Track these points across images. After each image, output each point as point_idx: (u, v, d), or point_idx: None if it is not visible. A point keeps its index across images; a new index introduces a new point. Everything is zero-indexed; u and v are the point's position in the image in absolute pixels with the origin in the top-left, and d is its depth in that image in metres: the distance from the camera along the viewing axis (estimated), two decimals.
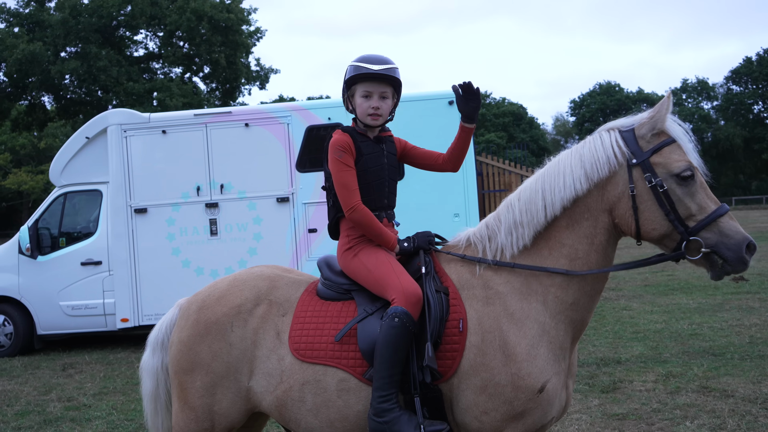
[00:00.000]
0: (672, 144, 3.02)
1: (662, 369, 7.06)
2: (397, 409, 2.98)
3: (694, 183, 2.96)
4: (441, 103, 10.09)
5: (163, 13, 39.76)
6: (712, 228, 2.90)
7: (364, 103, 3.37)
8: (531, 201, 3.15)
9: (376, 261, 3.25)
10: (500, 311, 3.06)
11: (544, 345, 3.02)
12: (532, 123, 78.86)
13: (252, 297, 3.37)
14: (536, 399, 2.96)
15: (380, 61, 3.35)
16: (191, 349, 3.34)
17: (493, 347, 3.01)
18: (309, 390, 3.17)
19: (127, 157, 10.30)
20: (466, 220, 9.87)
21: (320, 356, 3.18)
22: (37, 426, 6.56)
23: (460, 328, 3.06)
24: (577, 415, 5.81)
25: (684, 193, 2.96)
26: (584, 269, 3.08)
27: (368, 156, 3.39)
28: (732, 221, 2.91)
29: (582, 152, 3.15)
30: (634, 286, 13.41)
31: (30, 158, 61.35)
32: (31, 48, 35.95)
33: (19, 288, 10.50)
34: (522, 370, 2.96)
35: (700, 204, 2.94)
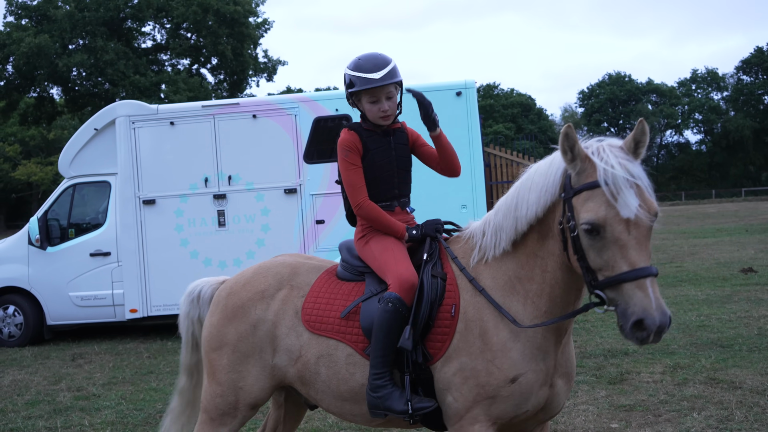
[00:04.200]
0: (594, 190, 2.75)
1: (670, 360, 7.05)
2: (390, 385, 3.18)
3: (601, 239, 2.71)
4: (449, 93, 10.07)
5: (170, 5, 39.74)
6: (615, 289, 2.70)
7: (373, 108, 3.48)
8: (510, 208, 3.14)
9: (382, 248, 3.42)
10: (484, 303, 3.14)
11: (521, 341, 3.06)
12: (541, 114, 78.58)
13: (275, 283, 3.64)
14: (508, 388, 3.03)
15: (378, 65, 3.43)
16: (219, 331, 3.63)
17: (473, 334, 3.11)
18: (323, 363, 3.40)
19: (136, 148, 10.33)
20: (474, 212, 9.86)
21: (327, 329, 3.41)
22: (47, 415, 6.61)
23: (452, 313, 3.17)
24: (584, 406, 5.82)
25: (589, 245, 2.75)
26: (553, 284, 3.04)
27: (375, 150, 3.53)
28: (638, 290, 2.63)
29: (538, 171, 3.08)
30: None
31: (39, 150, 61.66)
32: (39, 41, 36.03)
33: (29, 279, 10.57)
34: (496, 359, 3.05)
35: (608, 261, 2.71)
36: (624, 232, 2.68)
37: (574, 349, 7.73)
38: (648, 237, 2.73)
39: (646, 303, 2.59)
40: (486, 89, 78.42)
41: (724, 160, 74.24)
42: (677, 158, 79.21)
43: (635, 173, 2.72)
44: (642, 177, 2.74)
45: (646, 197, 2.72)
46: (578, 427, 5.35)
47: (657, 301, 2.60)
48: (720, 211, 39.62)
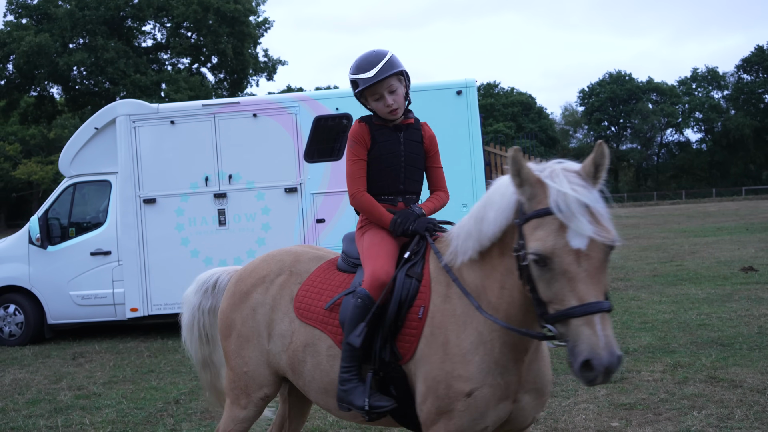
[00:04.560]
0: (544, 217, 2.56)
1: (670, 359, 7.05)
2: (356, 380, 3.17)
3: (550, 270, 2.52)
4: (449, 92, 10.06)
5: (170, 5, 39.74)
6: (564, 324, 2.51)
7: (378, 105, 3.47)
8: (477, 219, 3.00)
9: (371, 242, 3.41)
10: (450, 311, 3.05)
11: (480, 354, 2.94)
12: (541, 113, 78.56)
13: (276, 269, 3.72)
14: (464, 402, 2.93)
15: (372, 62, 3.40)
16: (228, 317, 3.78)
17: (437, 342, 3.02)
18: (309, 352, 3.44)
19: (136, 147, 10.33)
20: None
21: (313, 318, 3.45)
22: (48, 414, 6.62)
23: (419, 315, 3.10)
24: (584, 405, 5.82)
25: (539, 276, 2.57)
26: (510, 302, 2.88)
27: (382, 143, 3.50)
28: (586, 328, 2.43)
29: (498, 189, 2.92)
30: (643, 276, 13.38)
31: (40, 149, 61.68)
32: (39, 40, 36.05)
33: (29, 278, 10.58)
34: (455, 371, 2.95)
35: (557, 294, 2.52)
36: (573, 263, 2.48)
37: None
38: (601, 269, 2.52)
39: (593, 342, 2.40)
40: (486, 88, 78.44)
41: (724, 158, 74.23)
42: (678, 157, 79.19)
43: (590, 200, 2.52)
44: (598, 204, 2.54)
45: (602, 225, 2.51)
46: (579, 426, 5.35)
47: (606, 339, 2.40)
48: (720, 209, 39.63)
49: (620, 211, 2.90)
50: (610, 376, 2.42)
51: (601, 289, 2.50)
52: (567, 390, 6.27)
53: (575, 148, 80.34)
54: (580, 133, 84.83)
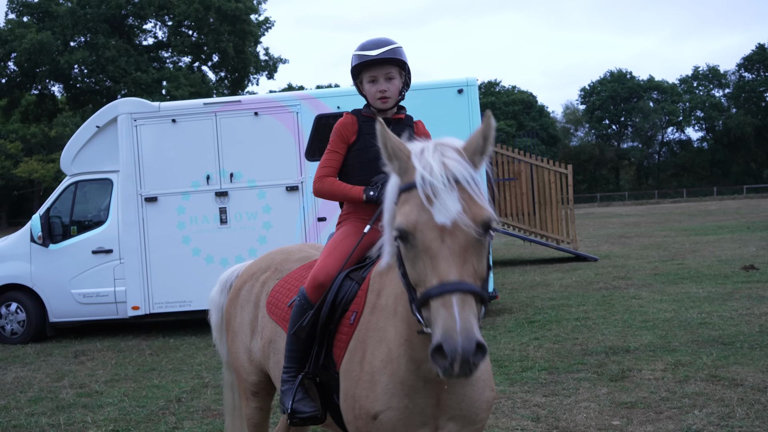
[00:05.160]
0: (411, 191, 2.32)
1: (671, 358, 7.06)
2: (292, 382, 3.11)
3: (413, 248, 2.26)
4: (450, 91, 10.07)
5: (172, 3, 39.74)
6: (426, 308, 2.20)
7: (371, 89, 3.36)
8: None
9: (334, 239, 3.31)
10: (374, 324, 2.80)
11: (387, 374, 2.65)
12: (542, 111, 78.50)
13: (264, 266, 3.75)
14: (371, 425, 2.69)
15: (379, 44, 3.33)
16: (227, 312, 3.89)
17: (357, 357, 2.81)
18: (272, 348, 3.45)
19: (138, 146, 10.34)
20: None
21: (278, 315, 3.44)
22: (50, 412, 6.63)
23: (351, 321, 2.92)
24: (585, 404, 5.83)
25: (405, 255, 2.33)
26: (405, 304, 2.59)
27: (367, 135, 3.36)
28: (442, 309, 2.11)
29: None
30: (644, 274, 13.38)
31: (41, 147, 61.71)
32: (40, 38, 36.06)
33: (31, 276, 10.59)
34: (363, 390, 2.71)
35: (420, 275, 2.24)
36: (436, 240, 2.21)
37: (577, 345, 7.70)
38: (469, 249, 2.22)
39: (448, 325, 2.07)
40: (487, 86, 78.39)
41: (725, 157, 74.20)
42: (679, 155, 79.17)
43: (462, 175, 2.27)
44: (471, 180, 2.29)
45: (474, 203, 2.25)
46: (580, 425, 5.36)
47: (463, 324, 2.06)
48: (721, 208, 39.61)
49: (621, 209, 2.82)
50: (469, 367, 2.06)
51: (468, 270, 2.19)
52: (568, 389, 6.28)
53: (576, 147, 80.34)
54: (581, 131, 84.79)
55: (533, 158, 17.43)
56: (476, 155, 2.39)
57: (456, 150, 2.36)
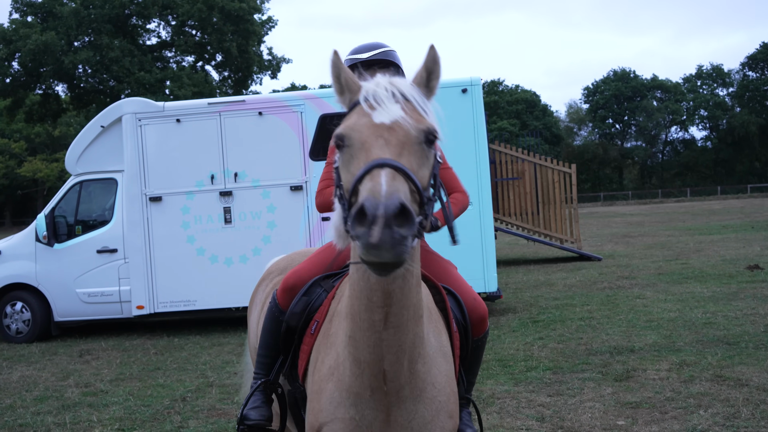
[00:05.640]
0: (356, 107, 2.20)
1: (676, 358, 7.05)
2: (257, 388, 2.98)
3: (349, 149, 2.08)
4: (454, 91, 10.06)
5: (175, 3, 39.79)
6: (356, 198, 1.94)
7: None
8: None
9: (322, 246, 3.15)
10: (326, 331, 2.64)
11: (333, 381, 2.43)
12: (546, 110, 78.41)
13: (282, 266, 3.66)
14: None
15: (371, 47, 3.24)
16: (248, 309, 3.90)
17: (313, 367, 2.61)
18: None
19: (142, 145, 10.36)
20: (480, 209, 9.86)
21: None
22: (55, 411, 6.65)
23: (312, 330, 2.74)
24: (590, 403, 5.83)
25: (341, 164, 2.14)
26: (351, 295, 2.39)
27: None
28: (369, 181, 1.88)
29: None
30: (648, 274, 13.37)
31: (45, 146, 61.84)
32: (45, 38, 36.12)
33: (36, 275, 10.62)
34: (312, 401, 2.52)
35: (353, 172, 2.01)
36: (372, 135, 2.04)
37: (581, 345, 7.71)
38: (408, 147, 2.03)
39: (374, 188, 1.82)
40: (490, 85, 78.35)
41: (729, 156, 74.03)
42: (682, 155, 79.03)
43: (409, 92, 2.18)
44: (417, 98, 2.19)
45: (418, 114, 2.13)
46: (584, 424, 5.36)
47: (390, 189, 1.81)
48: (725, 207, 39.54)
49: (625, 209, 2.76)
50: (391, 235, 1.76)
51: (406, 161, 1.98)
52: (572, 388, 6.28)
53: (580, 146, 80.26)
54: (584, 130, 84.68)
55: (537, 157, 17.41)
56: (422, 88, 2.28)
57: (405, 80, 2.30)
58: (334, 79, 2.31)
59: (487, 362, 7.37)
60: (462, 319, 2.89)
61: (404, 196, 1.83)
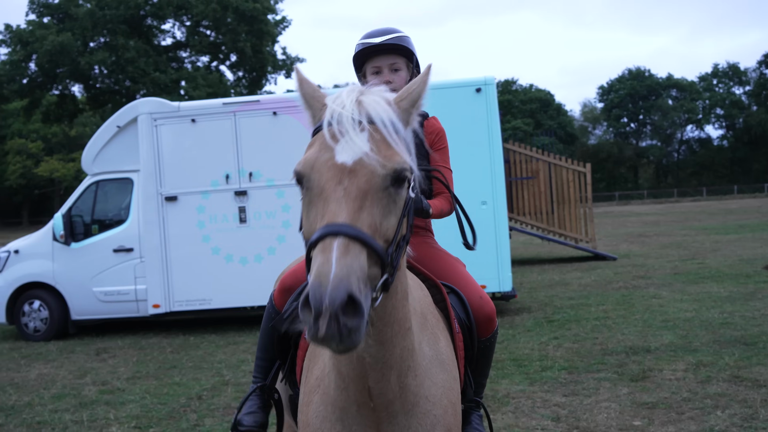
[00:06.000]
0: (317, 134, 2.01)
1: (692, 358, 7.01)
2: (252, 392, 2.90)
3: (309, 192, 1.92)
4: (468, 90, 10.04)
5: (190, 3, 40.00)
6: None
7: (375, 80, 2.99)
8: None
9: None
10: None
11: (319, 393, 2.31)
12: (560, 109, 78.10)
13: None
14: None
15: (383, 32, 3.03)
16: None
17: (305, 376, 2.48)
18: None
19: (158, 145, 10.42)
20: (494, 208, 9.84)
21: None
22: (73, 409, 6.71)
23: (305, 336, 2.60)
24: (606, 404, 5.80)
25: (303, 205, 1.99)
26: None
27: None
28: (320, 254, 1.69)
29: None
30: (664, 274, 13.28)
31: (61, 146, 62.33)
32: (61, 39, 36.42)
33: (53, 274, 10.71)
34: (300, 413, 2.40)
35: (312, 224, 1.86)
36: (332, 180, 1.84)
37: (597, 345, 7.67)
38: (371, 196, 1.82)
39: (321, 270, 1.65)
40: (504, 85, 78.12)
41: (746, 155, 73.39)
42: (698, 154, 78.47)
43: (378, 116, 1.92)
44: (388, 123, 1.92)
45: (387, 147, 1.88)
46: (600, 424, 5.34)
47: (340, 271, 1.64)
48: (742, 206, 39.19)
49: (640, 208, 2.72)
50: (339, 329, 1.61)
51: (364, 219, 1.78)
52: (588, 388, 6.26)
53: (595, 145, 79.84)
54: (599, 129, 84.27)
55: (551, 157, 17.35)
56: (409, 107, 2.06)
57: (381, 93, 2.03)
58: (298, 93, 2.14)
59: (501, 362, 7.36)
60: (466, 319, 2.75)
61: (355, 282, 1.64)
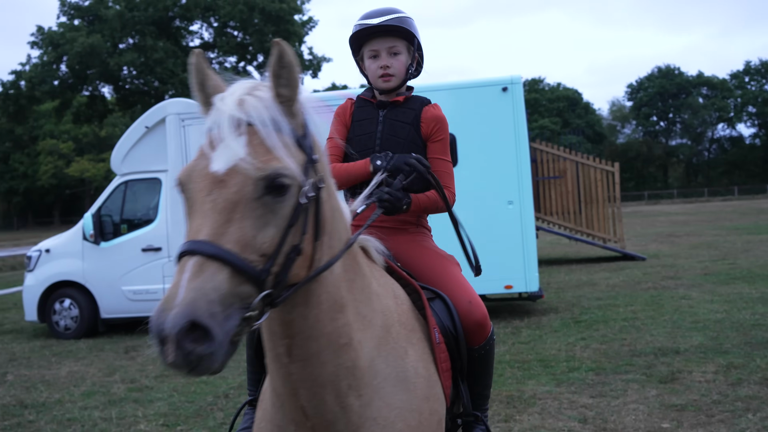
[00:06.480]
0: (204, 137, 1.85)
1: (723, 360, 6.89)
2: (242, 408, 2.76)
3: (187, 203, 1.80)
4: (495, 89, 9.97)
5: (217, 4, 40.34)
6: None
7: (372, 65, 2.85)
8: None
9: None
10: None
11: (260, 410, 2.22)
12: (588, 108, 77.38)
13: None
14: None
15: (382, 12, 2.82)
16: None
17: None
18: None
19: (185, 145, 10.51)
20: (521, 208, 9.77)
21: None
22: (102, 406, 6.80)
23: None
24: (634, 405, 5.73)
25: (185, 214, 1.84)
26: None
27: (357, 123, 2.88)
28: (176, 275, 1.60)
29: None
30: (694, 274, 13.09)
31: (92, 147, 63.28)
32: (91, 41, 36.94)
33: (83, 273, 10.86)
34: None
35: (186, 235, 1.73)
36: (203, 191, 1.71)
37: (625, 346, 7.58)
38: (241, 207, 1.68)
39: (169, 294, 1.56)
40: (531, 84, 77.62)
41: None
42: (730, 152, 77.22)
43: (258, 117, 1.77)
44: (268, 123, 1.77)
45: (264, 151, 1.74)
46: (628, 427, 5.28)
47: (188, 295, 1.54)
48: None
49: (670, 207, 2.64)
50: (184, 355, 1.51)
51: (231, 233, 1.65)
52: (616, 390, 6.18)
53: (623, 144, 78.99)
54: (628, 128, 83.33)
55: (579, 156, 17.19)
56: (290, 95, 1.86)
57: (265, 88, 1.86)
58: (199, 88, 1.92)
59: (528, 362, 7.31)
60: (452, 326, 2.51)
61: (203, 306, 1.52)
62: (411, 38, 2.84)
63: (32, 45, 39.66)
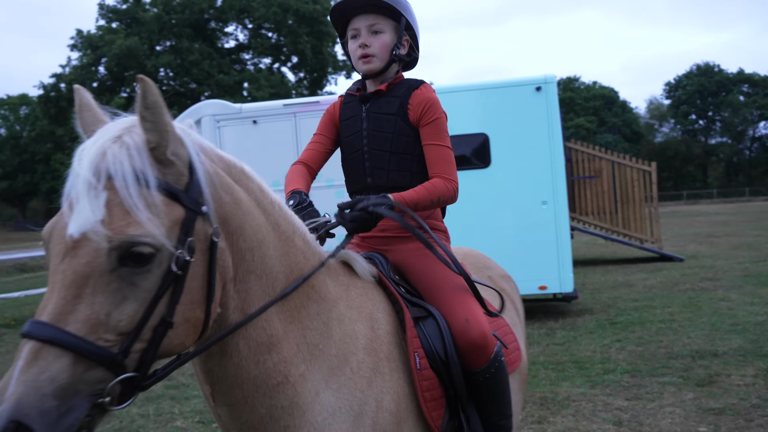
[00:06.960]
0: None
1: (763, 363, 6.75)
2: None
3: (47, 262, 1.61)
4: (528, 89, 9.90)
5: (252, 6, 40.76)
6: None
7: (353, 46, 2.56)
8: None
9: None
10: None
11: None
12: (625, 107, 76.34)
13: None
14: None
15: None
16: None
17: None
18: None
19: (220, 146, 10.60)
20: (555, 208, 9.69)
21: None
22: (140, 403, 6.91)
23: None
24: (670, 408, 5.65)
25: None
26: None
27: (344, 123, 2.69)
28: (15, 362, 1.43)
29: None
30: (733, 276, 12.84)
31: None
32: (129, 43, 37.60)
33: None
34: None
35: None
36: (57, 257, 1.52)
37: (661, 348, 7.47)
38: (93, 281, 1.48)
39: (2, 382, 1.41)
40: (566, 82, 76.84)
41: None
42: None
43: (119, 171, 1.52)
44: (129, 178, 1.52)
45: (121, 214, 1.50)
46: (664, 430, 5.20)
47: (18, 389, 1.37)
48: None
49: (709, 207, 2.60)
50: None
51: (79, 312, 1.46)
52: (652, 392, 6.10)
53: (661, 143, 77.77)
54: (666, 127, 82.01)
55: (615, 155, 16.98)
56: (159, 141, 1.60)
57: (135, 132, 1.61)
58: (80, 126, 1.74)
59: (562, 364, 7.25)
60: (442, 348, 2.24)
61: (34, 402, 1.37)
62: (397, 16, 2.51)
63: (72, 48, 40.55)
